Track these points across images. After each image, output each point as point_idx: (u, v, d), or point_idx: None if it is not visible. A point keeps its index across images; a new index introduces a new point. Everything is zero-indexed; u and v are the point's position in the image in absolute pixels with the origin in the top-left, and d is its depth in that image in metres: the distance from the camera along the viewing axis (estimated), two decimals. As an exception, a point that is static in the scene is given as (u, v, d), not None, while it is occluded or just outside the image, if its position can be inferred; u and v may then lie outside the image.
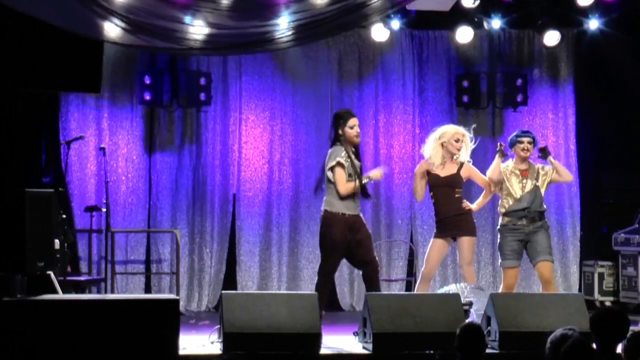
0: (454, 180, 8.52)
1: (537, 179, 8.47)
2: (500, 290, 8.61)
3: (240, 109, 11.05)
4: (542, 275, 8.43)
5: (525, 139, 8.51)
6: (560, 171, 8.55)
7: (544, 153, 8.54)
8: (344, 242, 7.95)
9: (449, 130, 8.60)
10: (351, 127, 7.99)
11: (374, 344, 7.17)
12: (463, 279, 8.50)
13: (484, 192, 8.74)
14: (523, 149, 8.50)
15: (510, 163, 8.58)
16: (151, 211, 10.89)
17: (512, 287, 8.46)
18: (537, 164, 8.63)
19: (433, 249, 8.50)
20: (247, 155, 11.04)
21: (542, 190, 8.48)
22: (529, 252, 8.43)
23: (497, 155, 8.56)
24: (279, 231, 11.09)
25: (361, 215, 8.14)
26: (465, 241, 8.43)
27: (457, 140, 8.52)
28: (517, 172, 8.50)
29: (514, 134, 8.69)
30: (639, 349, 4.66)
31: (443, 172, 8.52)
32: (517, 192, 8.43)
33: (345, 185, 7.92)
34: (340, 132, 8.00)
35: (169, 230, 10.71)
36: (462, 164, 8.56)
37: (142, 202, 10.86)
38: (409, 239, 11.22)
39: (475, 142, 8.70)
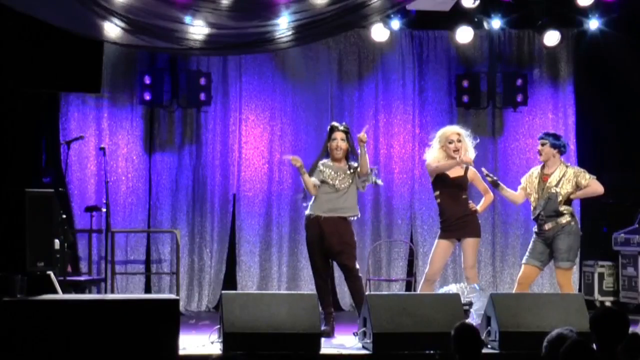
0: (462, 182, 8.55)
1: (557, 184, 8.44)
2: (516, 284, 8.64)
3: (240, 109, 11.05)
4: (557, 280, 8.61)
5: (540, 141, 8.60)
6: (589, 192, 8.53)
7: (493, 184, 8.68)
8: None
9: (444, 132, 8.63)
10: (333, 139, 8.52)
11: (374, 344, 7.17)
12: (465, 280, 8.49)
13: (484, 197, 8.74)
14: (537, 151, 8.61)
15: (539, 167, 8.61)
16: (151, 211, 10.89)
17: (521, 283, 8.48)
18: (572, 167, 8.62)
19: (438, 250, 8.49)
20: (247, 155, 11.04)
21: (563, 195, 8.42)
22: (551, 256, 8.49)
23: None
24: (279, 231, 11.09)
25: (339, 217, 8.35)
26: (470, 242, 8.45)
27: (450, 142, 8.51)
28: (540, 177, 8.53)
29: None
30: (636, 350, 4.65)
31: (452, 173, 8.52)
32: (535, 199, 8.49)
33: None
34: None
35: (169, 230, 10.71)
36: (467, 167, 8.56)
37: (142, 202, 10.86)
38: (409, 239, 11.22)
39: (475, 141, 8.70)
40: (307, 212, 8.51)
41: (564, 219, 8.39)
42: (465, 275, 8.53)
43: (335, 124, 8.63)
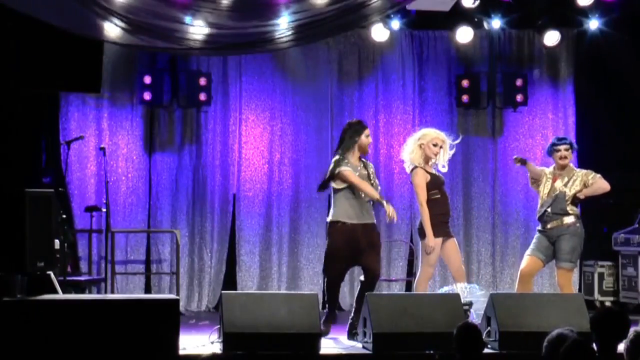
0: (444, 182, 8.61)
1: (566, 184, 8.43)
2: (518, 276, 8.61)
3: (240, 109, 11.05)
4: (557, 281, 8.54)
5: (562, 147, 8.47)
6: (595, 189, 8.42)
7: (519, 162, 8.59)
8: (345, 250, 8.06)
9: (430, 133, 8.53)
10: (367, 136, 8.18)
11: (374, 344, 7.17)
12: (453, 278, 8.45)
13: None
14: (560, 157, 8.47)
15: (551, 168, 8.59)
16: (151, 211, 10.89)
17: (524, 275, 8.43)
18: (580, 170, 8.56)
19: (436, 249, 8.45)
20: (247, 155, 11.04)
21: (570, 194, 8.40)
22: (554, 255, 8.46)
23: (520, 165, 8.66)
24: (279, 231, 11.09)
25: (370, 223, 8.17)
26: (455, 242, 8.45)
27: (435, 145, 8.46)
28: (550, 176, 8.50)
29: (551, 141, 8.70)
30: None
31: (440, 173, 8.56)
32: (542, 196, 8.48)
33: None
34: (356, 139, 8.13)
35: (169, 230, 10.71)
36: None
37: (142, 202, 10.86)
38: (409, 239, 11.21)
39: (453, 149, 8.62)
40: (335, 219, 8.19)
41: (570, 219, 8.37)
42: (460, 273, 8.42)
43: (361, 120, 8.42)
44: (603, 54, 10.95)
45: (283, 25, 8.38)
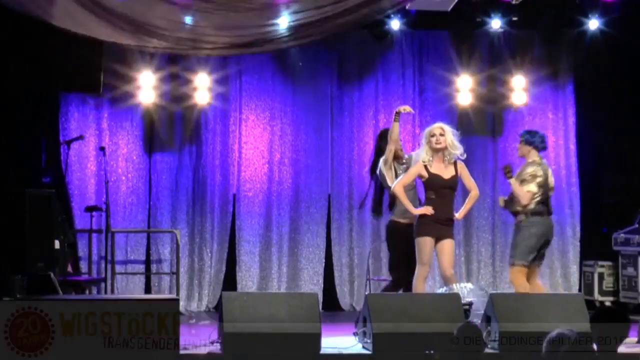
0: (455, 183, 8.49)
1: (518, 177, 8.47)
2: None
3: (240, 109, 11.05)
4: None
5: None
6: (515, 190, 8.45)
7: (506, 171, 8.58)
8: None
9: (426, 130, 8.59)
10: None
11: (374, 344, 7.17)
12: (445, 280, 8.37)
13: (470, 194, 8.65)
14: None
15: None
16: (151, 211, 10.89)
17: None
18: (530, 166, 8.51)
19: (427, 247, 8.32)
20: (247, 155, 11.04)
21: (518, 187, 8.39)
22: None
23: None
24: (279, 231, 11.08)
25: (393, 220, 8.72)
26: (450, 243, 8.35)
27: (432, 135, 8.46)
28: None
29: None
30: None
31: (446, 174, 8.45)
32: None
33: None
34: None
35: (169, 230, 10.71)
36: (456, 163, 8.52)
37: (142, 202, 10.86)
38: (409, 239, 11.20)
39: (457, 135, 8.63)
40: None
41: (520, 216, 8.42)
42: (446, 275, 8.32)
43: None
44: (603, 54, 10.95)
45: (283, 25, 8.39)
